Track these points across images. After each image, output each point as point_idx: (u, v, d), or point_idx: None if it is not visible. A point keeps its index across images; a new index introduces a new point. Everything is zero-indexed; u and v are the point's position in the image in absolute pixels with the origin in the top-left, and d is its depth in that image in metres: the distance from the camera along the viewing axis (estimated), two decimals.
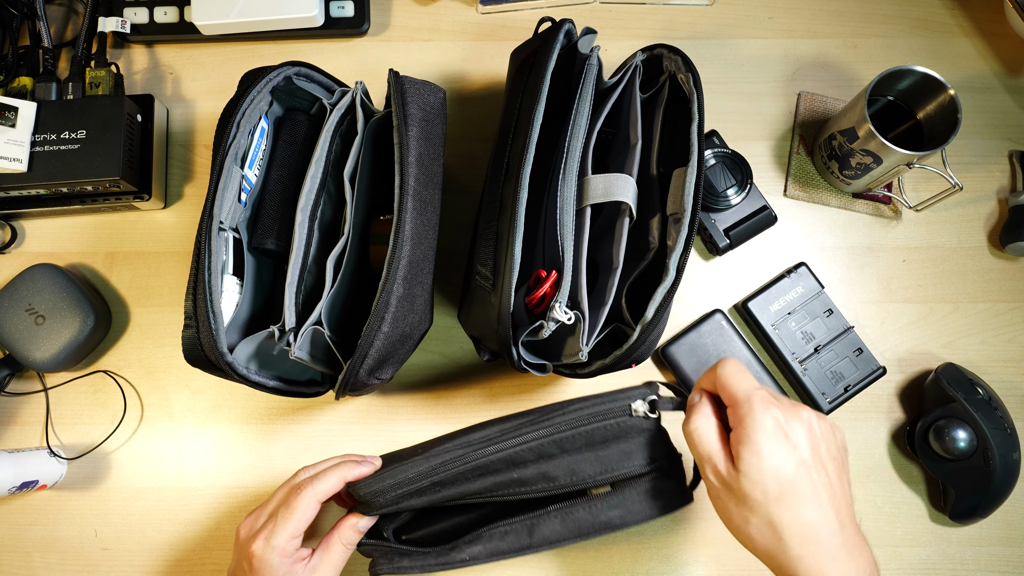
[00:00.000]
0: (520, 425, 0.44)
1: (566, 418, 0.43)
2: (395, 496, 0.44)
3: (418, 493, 0.44)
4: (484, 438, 0.44)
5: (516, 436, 0.44)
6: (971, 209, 0.63)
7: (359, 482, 0.45)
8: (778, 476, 0.38)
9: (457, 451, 0.44)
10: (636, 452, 0.44)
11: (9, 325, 0.56)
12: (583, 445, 0.44)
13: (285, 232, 0.52)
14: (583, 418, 0.43)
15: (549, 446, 0.43)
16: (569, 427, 0.43)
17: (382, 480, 0.44)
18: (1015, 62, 0.66)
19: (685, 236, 0.46)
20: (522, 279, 0.47)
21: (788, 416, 0.39)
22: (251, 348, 0.47)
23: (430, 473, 0.44)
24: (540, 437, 0.43)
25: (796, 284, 0.59)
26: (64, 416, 0.59)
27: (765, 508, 0.38)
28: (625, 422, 0.44)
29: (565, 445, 0.44)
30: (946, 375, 0.57)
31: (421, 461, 0.44)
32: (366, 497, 0.45)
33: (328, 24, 0.64)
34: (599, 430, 0.43)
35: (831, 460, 0.40)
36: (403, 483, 0.44)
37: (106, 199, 0.59)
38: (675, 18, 0.67)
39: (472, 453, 0.43)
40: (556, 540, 0.45)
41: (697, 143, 0.47)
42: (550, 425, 0.43)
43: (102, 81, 0.61)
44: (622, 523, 0.45)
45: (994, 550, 0.57)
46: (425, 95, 0.50)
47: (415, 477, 0.44)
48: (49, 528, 0.57)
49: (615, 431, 0.44)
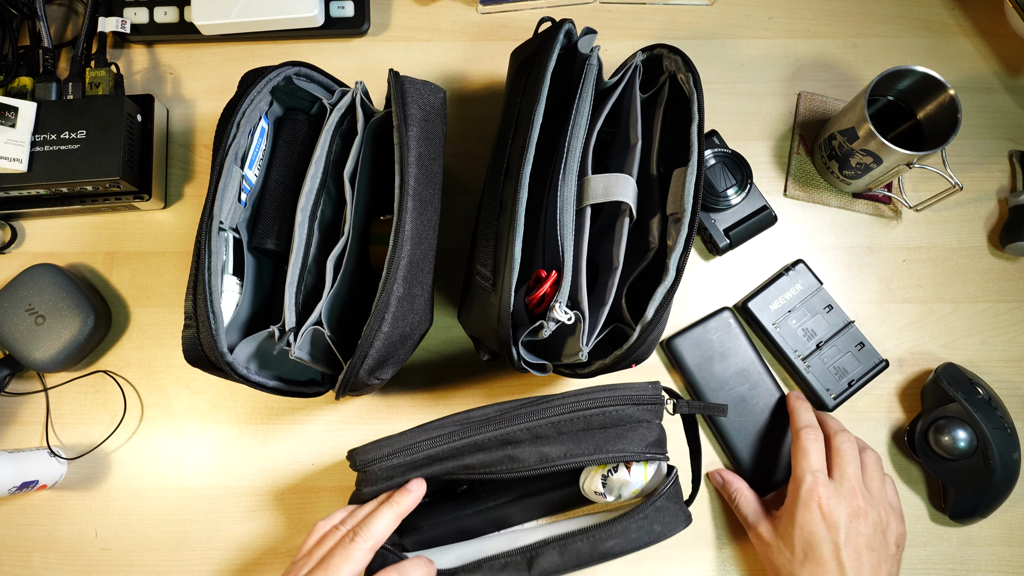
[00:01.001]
0: (519, 406, 0.45)
1: (565, 402, 0.45)
2: (390, 466, 0.45)
3: (413, 466, 0.46)
4: (483, 416, 0.46)
5: (513, 415, 0.45)
6: (971, 209, 0.63)
7: (358, 449, 0.47)
8: (805, 543, 0.48)
9: (454, 426, 0.45)
10: (633, 438, 0.45)
11: (9, 325, 0.56)
12: (581, 429, 0.45)
13: (285, 232, 0.52)
14: (583, 403, 0.45)
15: (546, 428, 0.45)
16: (568, 411, 0.45)
17: (379, 448, 0.46)
18: (1015, 62, 0.66)
19: (685, 236, 0.46)
20: (522, 279, 0.48)
21: (832, 503, 0.49)
22: (251, 348, 0.47)
23: (428, 445, 0.45)
24: (538, 417, 0.45)
25: (795, 281, 0.59)
26: (64, 416, 0.59)
27: (791, 566, 0.49)
28: (624, 411, 0.45)
29: (562, 427, 0.45)
30: (946, 375, 0.57)
31: (419, 432, 0.46)
32: (363, 465, 0.46)
33: (328, 24, 0.64)
34: (598, 415, 0.45)
35: (868, 552, 0.48)
36: (400, 451, 0.45)
37: (106, 199, 0.59)
38: (675, 18, 0.67)
39: (469, 429, 0.45)
40: (554, 572, 0.46)
41: (697, 143, 0.47)
42: (549, 408, 0.45)
43: (102, 81, 0.61)
44: (622, 551, 0.46)
45: (994, 550, 0.57)
46: (425, 95, 0.50)
47: (412, 446, 0.45)
48: (49, 528, 0.57)
49: (614, 418, 0.45)
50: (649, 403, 0.46)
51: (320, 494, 0.57)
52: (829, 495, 0.49)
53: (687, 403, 0.48)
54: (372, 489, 0.46)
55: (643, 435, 0.45)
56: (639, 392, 0.46)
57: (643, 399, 0.46)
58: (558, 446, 0.45)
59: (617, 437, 0.45)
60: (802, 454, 0.51)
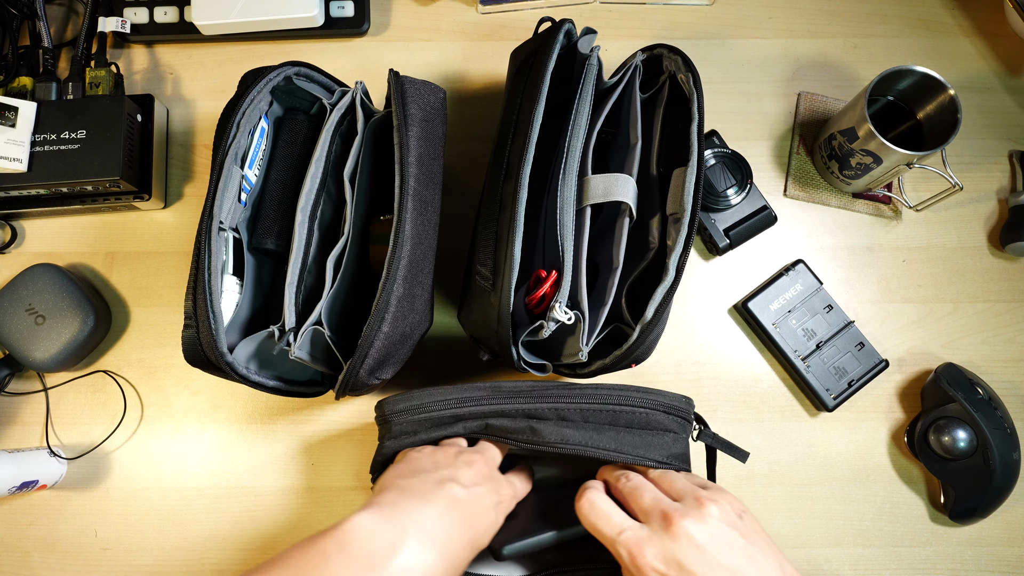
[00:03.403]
0: (550, 386, 0.45)
1: (598, 392, 0.45)
2: (416, 420, 0.46)
3: (438, 423, 0.46)
4: (514, 388, 0.46)
5: (544, 393, 0.45)
6: (971, 209, 0.63)
7: (387, 400, 0.47)
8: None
9: (484, 391, 0.46)
10: (655, 446, 0.45)
11: (9, 325, 0.56)
12: (607, 422, 0.45)
13: (285, 232, 0.52)
14: (615, 397, 0.45)
15: (573, 412, 0.45)
16: (599, 401, 0.45)
17: (409, 399, 0.46)
18: (1015, 62, 0.66)
19: (685, 236, 0.46)
20: (522, 279, 0.48)
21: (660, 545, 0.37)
22: (251, 348, 0.47)
23: (455, 404, 0.45)
24: (567, 400, 0.45)
25: (795, 282, 0.59)
26: (64, 416, 0.59)
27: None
28: (653, 415, 0.45)
29: (589, 416, 0.45)
30: (946, 375, 0.57)
31: (451, 391, 0.46)
32: (390, 416, 0.46)
33: (328, 24, 0.64)
34: (626, 413, 0.45)
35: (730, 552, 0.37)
36: (427, 406, 0.46)
37: (106, 199, 0.59)
38: (675, 18, 0.67)
39: (499, 397, 0.45)
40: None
41: (697, 143, 0.47)
42: (580, 393, 0.45)
43: (102, 81, 0.61)
44: None
45: (994, 550, 0.57)
46: (425, 95, 0.50)
47: (439, 403, 0.45)
48: (49, 528, 0.57)
49: (642, 420, 0.45)
50: (679, 415, 0.45)
51: (320, 494, 0.57)
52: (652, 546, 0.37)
53: (712, 435, 0.47)
54: (395, 444, 0.46)
55: (667, 444, 0.45)
56: (672, 401, 0.45)
57: (674, 409, 0.45)
58: (581, 432, 0.44)
59: (641, 440, 0.44)
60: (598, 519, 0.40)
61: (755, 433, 0.59)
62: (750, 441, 0.58)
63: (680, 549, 0.36)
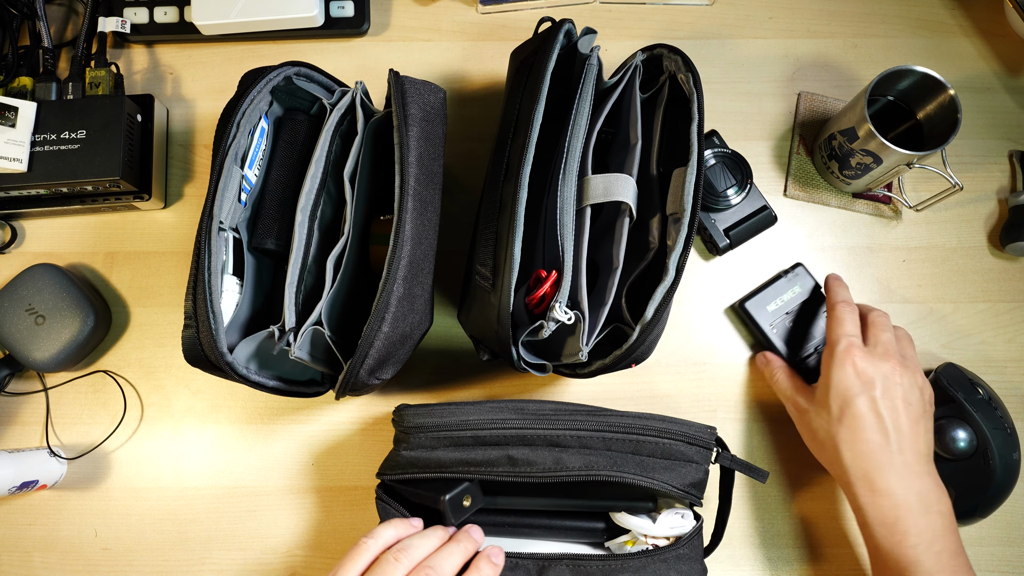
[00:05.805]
0: (574, 410, 0.46)
1: (623, 421, 0.45)
2: (436, 438, 0.45)
3: (456, 444, 0.45)
4: (538, 410, 0.46)
5: (569, 418, 0.45)
6: (971, 209, 0.63)
7: (407, 410, 0.46)
8: (842, 401, 0.48)
9: (508, 414, 0.45)
10: (675, 472, 0.45)
11: (9, 325, 0.56)
12: (630, 452, 0.45)
13: (285, 232, 0.52)
14: (638, 426, 0.45)
15: (596, 440, 0.45)
16: (622, 429, 0.45)
17: (429, 414, 0.45)
18: (1015, 62, 0.66)
19: (685, 236, 0.46)
20: (522, 279, 0.47)
21: (867, 362, 0.49)
22: (251, 348, 0.47)
23: (476, 425, 0.45)
24: (590, 428, 0.45)
25: (793, 284, 0.59)
26: (64, 416, 0.59)
27: (828, 426, 0.49)
28: (675, 446, 0.45)
29: (612, 444, 0.45)
30: (946, 375, 0.57)
31: (471, 410, 0.45)
32: (409, 429, 0.45)
33: (328, 24, 0.64)
34: (649, 443, 0.45)
35: (906, 405, 0.48)
36: (450, 425, 0.45)
37: (106, 199, 0.59)
38: (675, 18, 0.67)
39: (523, 420, 0.45)
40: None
41: (697, 143, 0.47)
42: (604, 421, 0.45)
43: (102, 81, 0.61)
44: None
45: (994, 550, 0.57)
46: (425, 95, 0.50)
47: (460, 424, 0.45)
48: (49, 528, 0.57)
49: (665, 451, 0.45)
50: (702, 446, 0.46)
51: (320, 494, 0.57)
52: (863, 355, 0.49)
53: (731, 457, 0.47)
54: (410, 455, 0.46)
55: (686, 474, 0.45)
56: (696, 432, 0.46)
57: (698, 440, 0.46)
58: (603, 459, 0.44)
59: (662, 468, 0.45)
60: (836, 322, 0.52)
61: (755, 433, 0.59)
62: (749, 442, 0.58)
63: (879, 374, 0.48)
